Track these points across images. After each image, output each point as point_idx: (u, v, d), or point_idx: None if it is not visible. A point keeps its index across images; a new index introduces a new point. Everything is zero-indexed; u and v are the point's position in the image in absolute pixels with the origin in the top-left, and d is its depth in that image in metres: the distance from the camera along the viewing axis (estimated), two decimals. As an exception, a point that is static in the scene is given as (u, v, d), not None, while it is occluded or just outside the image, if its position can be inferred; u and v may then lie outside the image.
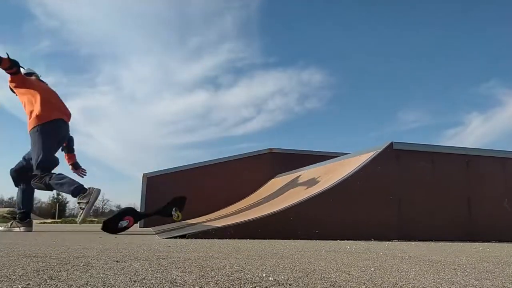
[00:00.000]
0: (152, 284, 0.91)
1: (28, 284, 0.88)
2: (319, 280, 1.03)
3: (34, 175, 3.88)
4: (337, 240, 2.95)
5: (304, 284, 0.97)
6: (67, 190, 3.77)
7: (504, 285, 1.04)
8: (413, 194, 3.66)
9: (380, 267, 1.33)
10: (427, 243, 2.92)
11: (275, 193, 4.94)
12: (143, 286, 0.89)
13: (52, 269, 1.11)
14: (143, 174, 6.32)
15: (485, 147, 4.32)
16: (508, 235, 3.79)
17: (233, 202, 6.10)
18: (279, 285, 0.95)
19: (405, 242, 2.99)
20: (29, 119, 3.98)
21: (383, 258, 1.63)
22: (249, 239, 2.75)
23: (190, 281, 0.96)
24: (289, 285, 0.95)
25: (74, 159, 4.56)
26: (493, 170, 4.03)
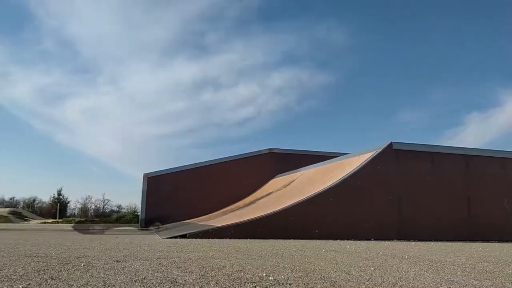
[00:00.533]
0: (153, 284, 0.92)
1: (29, 284, 0.88)
2: (319, 280, 1.04)
3: None
4: (337, 240, 2.95)
5: (304, 284, 0.97)
6: None
7: (504, 285, 1.05)
8: (413, 194, 3.66)
9: (380, 267, 1.33)
10: (427, 243, 2.92)
11: (275, 193, 4.94)
12: (144, 286, 0.89)
13: (53, 269, 1.11)
14: (144, 174, 6.33)
15: (484, 147, 4.32)
16: (508, 235, 3.79)
17: (233, 202, 6.11)
18: (279, 285, 0.95)
19: (405, 242, 2.99)
20: None
21: (383, 258, 1.64)
22: (249, 239, 2.75)
23: (191, 281, 0.97)
24: (289, 285, 0.96)
25: None
26: (493, 170, 4.02)
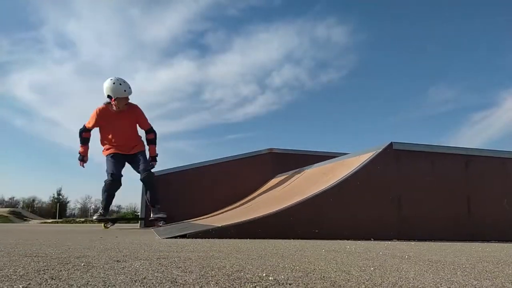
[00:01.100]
0: (153, 284, 0.92)
1: (29, 284, 0.88)
2: (319, 280, 1.04)
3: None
4: (337, 240, 2.95)
5: (304, 284, 0.97)
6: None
7: (504, 285, 1.05)
8: (413, 194, 3.67)
9: (380, 267, 1.33)
10: (427, 243, 2.92)
11: (275, 193, 4.94)
12: (144, 286, 0.89)
13: (53, 269, 1.11)
14: (144, 174, 6.33)
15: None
16: (508, 235, 3.79)
17: (233, 202, 6.11)
18: (279, 285, 0.95)
19: (405, 242, 3.00)
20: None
21: (383, 258, 1.64)
22: (249, 239, 2.76)
23: (191, 281, 0.97)
24: (289, 285, 0.96)
25: None
26: (493, 170, 4.03)
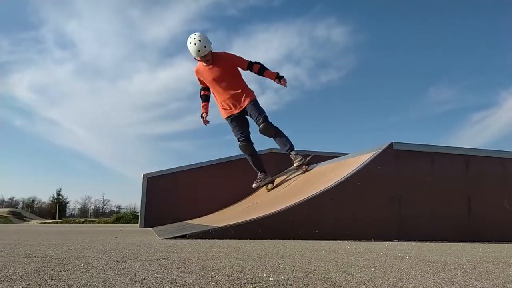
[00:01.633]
0: (153, 284, 0.91)
1: (29, 284, 0.88)
2: (319, 281, 1.03)
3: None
4: (337, 241, 2.95)
5: (305, 285, 0.97)
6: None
7: (505, 286, 1.05)
8: (413, 194, 3.66)
9: (380, 267, 1.33)
10: (427, 244, 2.92)
11: (275, 193, 4.94)
12: (144, 286, 0.89)
13: (53, 269, 1.11)
14: (143, 175, 6.33)
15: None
16: (508, 235, 3.79)
17: (233, 202, 6.10)
18: (280, 286, 0.95)
19: (405, 243, 2.99)
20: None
21: (383, 259, 1.64)
22: (249, 239, 2.75)
23: (191, 281, 0.97)
24: (289, 286, 0.95)
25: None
26: (493, 170, 4.02)
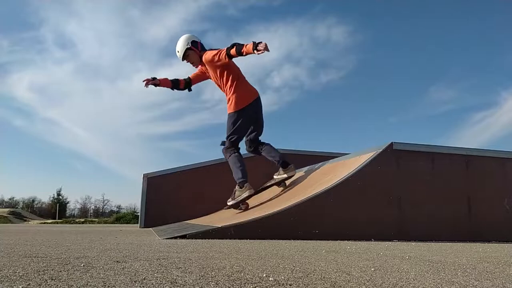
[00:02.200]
0: (153, 284, 0.91)
1: (29, 285, 0.88)
2: (320, 281, 1.03)
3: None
4: (337, 241, 2.95)
5: (305, 285, 0.97)
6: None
7: (505, 286, 1.05)
8: (413, 194, 3.66)
9: (380, 268, 1.33)
10: (427, 244, 2.92)
11: (275, 194, 4.94)
12: (144, 286, 0.89)
13: (53, 270, 1.11)
14: (144, 175, 6.33)
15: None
16: (508, 235, 3.79)
17: (233, 202, 6.09)
18: (280, 286, 0.95)
19: (405, 243, 2.99)
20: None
21: (383, 259, 1.64)
22: (249, 240, 2.75)
23: (191, 281, 0.97)
24: (289, 286, 0.95)
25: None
26: (493, 170, 4.03)
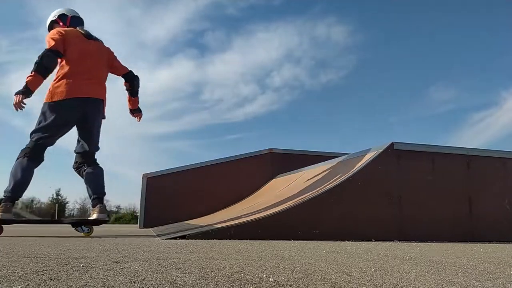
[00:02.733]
0: (152, 285, 0.91)
1: (28, 285, 0.87)
2: (320, 281, 1.03)
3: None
4: (338, 241, 2.94)
5: (305, 285, 0.96)
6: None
7: (505, 286, 1.04)
8: (414, 195, 3.66)
9: (381, 268, 1.33)
10: (428, 244, 2.91)
11: (275, 194, 4.94)
12: (143, 287, 0.89)
13: (52, 270, 1.10)
14: (143, 175, 6.32)
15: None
16: (509, 236, 3.78)
17: (233, 203, 6.10)
18: (280, 286, 0.94)
19: (406, 243, 2.99)
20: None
21: (384, 259, 1.63)
22: (249, 240, 2.75)
23: (190, 282, 0.96)
24: (290, 286, 0.95)
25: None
26: (494, 170, 4.02)
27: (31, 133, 3.03)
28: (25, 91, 2.89)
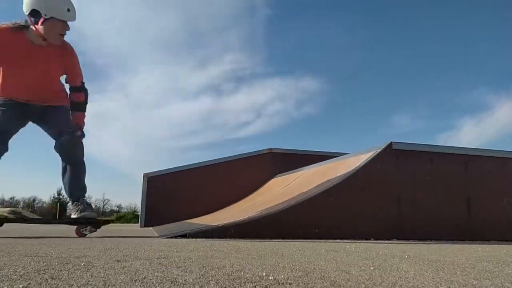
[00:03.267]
0: (153, 283, 0.92)
1: (29, 284, 0.88)
2: (319, 280, 1.04)
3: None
4: (337, 240, 2.95)
5: (304, 284, 0.97)
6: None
7: (504, 285, 1.05)
8: (413, 194, 3.67)
9: (380, 267, 1.33)
10: (426, 243, 2.92)
11: (275, 193, 4.94)
12: (144, 285, 0.89)
13: (53, 269, 1.11)
14: (144, 174, 6.33)
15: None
16: (508, 235, 3.79)
17: (233, 202, 6.11)
18: (279, 284, 0.95)
19: (405, 242, 3.00)
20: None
21: (383, 258, 1.64)
22: (249, 239, 2.76)
23: (191, 280, 0.97)
24: (289, 284, 0.96)
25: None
26: (493, 170, 4.03)
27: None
28: None
